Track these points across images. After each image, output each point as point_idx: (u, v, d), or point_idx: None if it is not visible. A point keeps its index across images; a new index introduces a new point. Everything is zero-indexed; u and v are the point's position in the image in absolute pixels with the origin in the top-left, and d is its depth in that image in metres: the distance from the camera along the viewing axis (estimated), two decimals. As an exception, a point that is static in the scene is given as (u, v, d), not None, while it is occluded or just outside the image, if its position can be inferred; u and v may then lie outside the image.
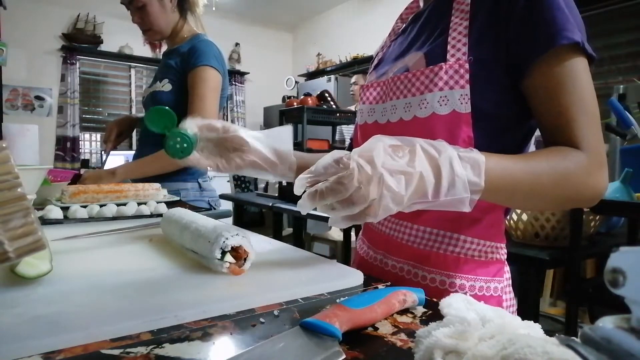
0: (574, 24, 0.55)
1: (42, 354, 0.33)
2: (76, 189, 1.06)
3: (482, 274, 0.63)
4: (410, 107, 0.63)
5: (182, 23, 1.47)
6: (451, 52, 0.59)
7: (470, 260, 0.62)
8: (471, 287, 0.62)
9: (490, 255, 0.63)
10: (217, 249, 0.50)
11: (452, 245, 0.62)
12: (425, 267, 0.64)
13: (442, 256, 0.62)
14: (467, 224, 0.62)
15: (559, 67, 0.55)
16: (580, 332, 0.22)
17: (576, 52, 0.55)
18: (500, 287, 0.64)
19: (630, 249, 0.21)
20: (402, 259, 0.66)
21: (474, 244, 0.62)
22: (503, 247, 0.65)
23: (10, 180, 0.40)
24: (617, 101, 1.59)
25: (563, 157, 0.52)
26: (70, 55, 4.70)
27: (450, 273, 0.62)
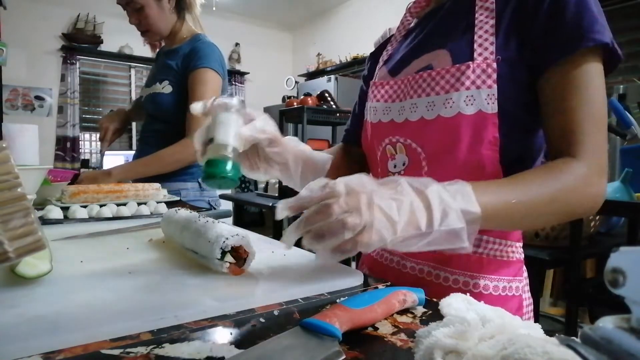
0: (602, 24, 0.53)
1: (42, 354, 0.33)
2: (76, 189, 1.06)
3: (505, 273, 0.62)
4: (433, 105, 0.61)
5: (180, 23, 1.47)
6: (478, 51, 0.58)
7: (492, 260, 0.61)
8: (495, 287, 0.61)
9: (511, 255, 0.63)
10: (217, 249, 0.50)
11: (474, 245, 0.59)
12: (447, 269, 0.62)
13: (465, 256, 0.61)
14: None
15: (576, 69, 0.53)
16: (580, 332, 0.22)
17: (595, 55, 0.53)
18: (521, 287, 0.64)
19: (630, 249, 0.21)
20: (422, 260, 0.65)
21: (496, 244, 0.61)
22: (521, 246, 0.65)
23: (10, 180, 0.40)
24: (617, 101, 1.59)
25: (560, 171, 0.51)
26: (70, 55, 4.70)
27: (474, 274, 0.61)
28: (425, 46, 0.66)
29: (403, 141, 0.65)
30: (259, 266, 0.57)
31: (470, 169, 0.58)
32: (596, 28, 0.52)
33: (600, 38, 0.52)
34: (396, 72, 0.69)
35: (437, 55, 0.63)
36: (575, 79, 0.53)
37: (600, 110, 0.53)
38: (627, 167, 1.24)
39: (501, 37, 0.57)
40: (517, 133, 0.58)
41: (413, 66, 0.66)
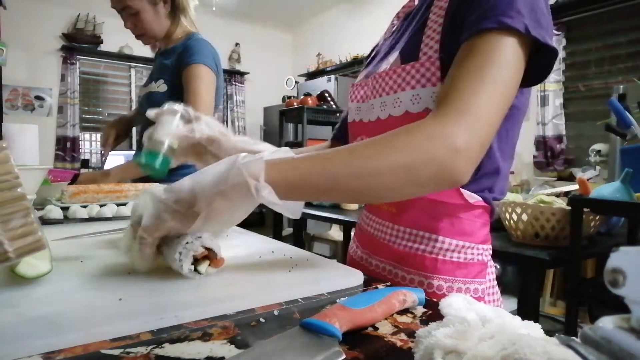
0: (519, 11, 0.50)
1: (42, 354, 0.33)
2: (76, 189, 1.06)
3: (461, 275, 0.61)
4: (385, 105, 0.63)
5: (175, 25, 1.47)
6: (424, 50, 0.58)
7: (448, 261, 0.61)
8: (449, 288, 0.61)
9: (470, 257, 0.62)
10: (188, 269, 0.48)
11: (430, 246, 0.61)
12: (404, 268, 0.63)
13: (420, 257, 0.62)
14: (446, 224, 0.61)
15: (477, 45, 0.50)
16: (580, 332, 0.22)
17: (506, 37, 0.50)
18: (481, 289, 0.62)
19: (630, 249, 0.21)
20: (384, 259, 0.67)
21: (452, 245, 0.61)
22: (486, 248, 0.64)
23: (10, 180, 0.40)
24: (617, 101, 1.59)
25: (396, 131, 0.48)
26: (70, 55, 4.70)
27: (428, 274, 0.61)
28: (392, 49, 0.68)
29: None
30: (259, 266, 0.57)
31: None
32: (507, 12, 0.50)
33: (508, 22, 0.49)
34: (369, 74, 0.70)
35: (392, 57, 0.64)
36: (472, 52, 0.50)
37: (489, 78, 0.48)
38: (627, 167, 1.24)
39: (446, 33, 0.57)
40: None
41: (376, 68, 0.68)
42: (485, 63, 0.49)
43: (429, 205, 0.61)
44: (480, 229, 0.63)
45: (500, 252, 1.30)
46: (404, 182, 0.47)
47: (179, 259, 0.48)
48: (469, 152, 0.47)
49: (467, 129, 0.47)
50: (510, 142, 0.63)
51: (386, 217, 0.67)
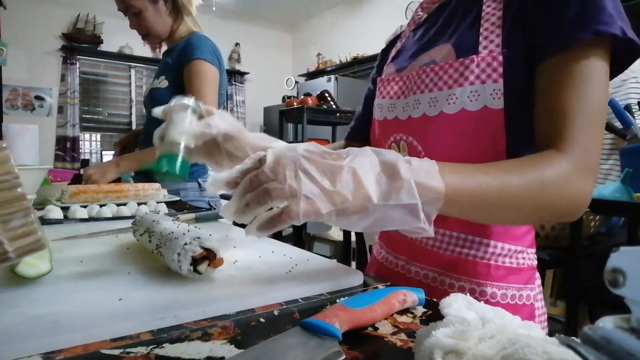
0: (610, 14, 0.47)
1: (42, 354, 0.33)
2: (76, 189, 1.06)
3: (514, 281, 0.59)
4: (436, 102, 0.58)
5: (178, 24, 1.48)
6: (483, 44, 0.54)
7: (501, 267, 0.58)
8: (503, 295, 0.58)
9: (522, 262, 0.59)
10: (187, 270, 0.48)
11: (481, 252, 0.58)
12: (453, 275, 0.60)
13: (472, 263, 0.59)
14: (498, 228, 0.58)
15: (576, 62, 0.48)
16: (580, 332, 0.22)
17: (599, 48, 0.48)
18: (532, 295, 0.60)
19: (630, 249, 0.21)
20: (427, 266, 0.62)
21: (505, 250, 0.58)
22: (534, 252, 0.62)
23: (10, 180, 0.40)
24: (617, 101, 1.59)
25: (540, 163, 0.46)
26: (70, 55, 4.70)
27: (481, 281, 0.58)
28: (432, 41, 0.64)
29: (406, 139, 0.64)
30: (259, 266, 0.57)
31: None
32: (600, 18, 0.47)
33: (604, 29, 0.47)
34: (402, 69, 0.67)
35: (442, 50, 0.60)
36: (572, 73, 0.48)
37: (596, 108, 0.48)
38: (627, 167, 1.24)
39: (508, 28, 0.53)
40: (524, 130, 0.54)
41: (418, 62, 0.64)
42: (592, 91, 0.48)
43: None
44: (528, 232, 0.61)
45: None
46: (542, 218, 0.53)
47: (178, 259, 0.48)
48: (591, 193, 0.49)
49: (591, 172, 0.48)
50: None
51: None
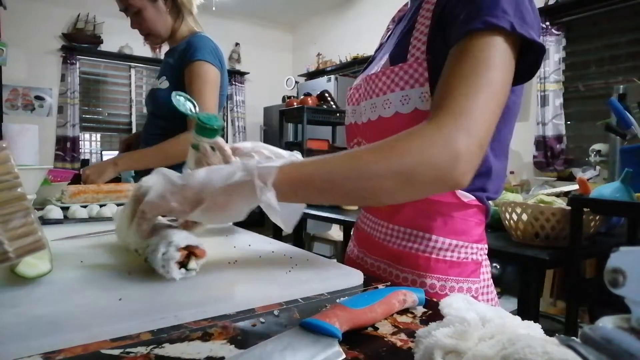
0: (505, 9, 0.51)
1: (42, 354, 0.33)
2: (76, 189, 1.06)
3: (454, 274, 0.62)
4: (375, 107, 0.64)
5: (179, 23, 1.48)
6: (412, 52, 0.60)
7: (441, 260, 0.62)
8: (442, 287, 0.61)
9: (464, 256, 0.62)
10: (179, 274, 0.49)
11: (423, 245, 0.62)
12: (398, 266, 0.64)
13: (414, 256, 0.63)
14: (440, 223, 0.62)
15: (470, 45, 0.51)
16: (580, 332, 0.22)
17: (493, 37, 0.51)
18: (474, 288, 0.63)
19: (630, 249, 0.21)
20: (379, 257, 0.68)
21: (446, 244, 0.62)
22: (481, 248, 0.64)
23: (10, 180, 0.40)
24: (617, 101, 1.59)
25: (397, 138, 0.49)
26: (70, 55, 4.70)
27: (421, 273, 0.62)
28: (385, 49, 0.70)
29: (362, 142, 0.69)
30: (259, 266, 0.57)
31: None
32: (493, 12, 0.50)
33: (494, 21, 0.50)
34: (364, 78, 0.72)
35: (383, 60, 0.66)
36: (463, 56, 0.51)
37: (484, 82, 0.49)
38: (627, 167, 1.24)
39: (432, 35, 0.58)
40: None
41: (368, 71, 0.70)
42: (477, 66, 0.49)
43: (423, 205, 0.62)
44: (474, 228, 0.63)
45: (500, 252, 1.30)
46: (403, 186, 0.48)
47: (167, 271, 0.48)
48: (469, 155, 0.47)
49: (466, 132, 0.47)
50: (503, 142, 0.64)
51: (382, 216, 0.68)
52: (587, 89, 3.20)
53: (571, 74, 3.28)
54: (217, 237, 0.78)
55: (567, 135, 3.28)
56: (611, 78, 3.05)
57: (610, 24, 3.06)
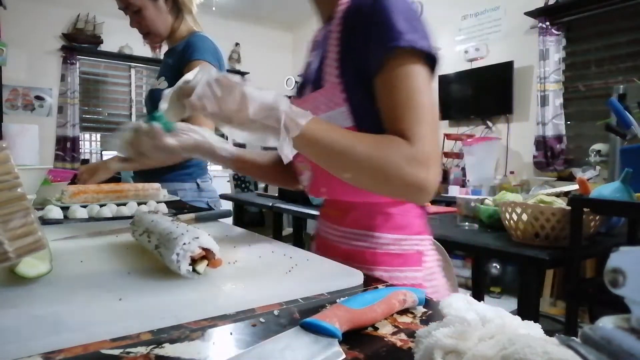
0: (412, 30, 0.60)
1: (42, 354, 0.33)
2: (76, 189, 1.06)
3: (398, 264, 0.69)
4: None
5: (179, 23, 1.48)
6: (326, 78, 0.68)
7: (386, 254, 0.69)
8: (389, 277, 0.67)
9: (406, 247, 0.70)
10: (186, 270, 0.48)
11: (368, 242, 0.70)
12: (351, 264, 0.67)
13: (362, 252, 0.70)
14: (381, 221, 0.70)
15: (393, 71, 0.60)
16: (580, 332, 0.22)
17: (405, 57, 0.60)
18: (420, 276, 0.70)
19: (630, 249, 0.21)
20: (335, 257, 0.72)
21: (388, 239, 0.70)
22: (422, 239, 0.72)
23: (10, 180, 0.40)
24: (617, 101, 1.59)
25: (390, 140, 0.58)
26: (70, 55, 4.70)
27: (370, 267, 0.68)
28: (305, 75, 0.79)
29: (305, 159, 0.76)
30: (259, 266, 0.57)
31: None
32: (390, 36, 0.59)
33: (395, 44, 0.59)
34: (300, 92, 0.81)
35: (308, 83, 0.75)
36: (396, 76, 0.60)
37: (422, 106, 0.59)
38: (627, 167, 1.24)
39: (342, 64, 0.66)
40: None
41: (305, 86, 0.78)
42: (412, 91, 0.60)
43: (366, 207, 0.71)
44: (413, 221, 0.71)
45: (500, 252, 1.30)
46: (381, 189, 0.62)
47: (177, 260, 0.48)
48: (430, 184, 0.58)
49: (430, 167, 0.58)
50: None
51: (333, 221, 0.76)
52: (587, 89, 3.20)
53: (571, 74, 3.28)
54: (218, 237, 0.78)
55: (567, 135, 3.28)
56: (611, 78, 3.05)
57: (610, 24, 3.06)
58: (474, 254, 2.42)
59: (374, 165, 0.57)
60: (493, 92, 3.67)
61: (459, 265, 3.55)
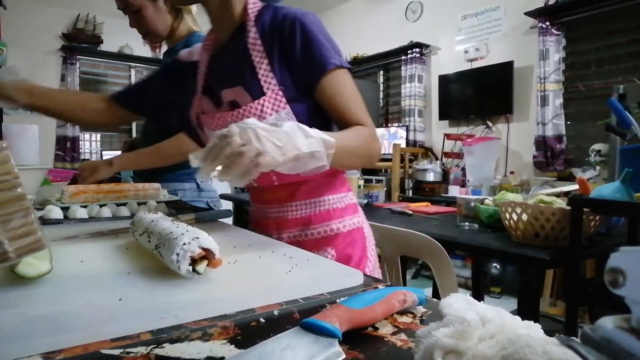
0: (334, 52, 0.80)
1: (42, 354, 0.33)
2: (76, 189, 1.06)
3: (345, 215, 0.90)
4: None
5: (178, 23, 1.48)
6: (266, 87, 0.79)
7: (333, 210, 0.89)
8: (342, 226, 0.89)
9: (346, 202, 0.91)
10: (186, 270, 0.48)
11: (322, 205, 0.89)
12: (310, 227, 0.89)
13: (318, 214, 0.88)
14: (326, 187, 0.89)
15: (332, 81, 0.79)
16: (580, 332, 0.22)
17: (339, 69, 0.79)
18: (359, 220, 0.93)
19: (630, 249, 0.21)
20: (293, 229, 0.89)
21: (334, 199, 0.90)
22: (349, 194, 0.93)
23: (10, 180, 0.40)
24: (617, 101, 1.59)
25: (360, 129, 0.78)
26: (70, 55, 4.70)
27: (326, 223, 0.88)
28: (226, 81, 0.85)
29: None
30: (259, 266, 0.57)
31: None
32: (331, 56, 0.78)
33: (334, 62, 0.78)
34: (219, 105, 0.88)
35: (238, 92, 0.82)
36: (334, 87, 0.79)
37: (359, 100, 0.81)
38: (627, 167, 1.24)
39: (277, 71, 0.79)
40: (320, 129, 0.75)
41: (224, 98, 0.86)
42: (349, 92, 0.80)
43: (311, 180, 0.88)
44: (342, 183, 0.92)
45: (500, 252, 1.30)
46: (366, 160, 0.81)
47: (177, 260, 0.48)
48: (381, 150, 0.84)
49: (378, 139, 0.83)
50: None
51: (285, 200, 0.89)
52: (587, 89, 3.21)
53: (571, 74, 3.28)
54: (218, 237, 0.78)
55: (567, 135, 3.28)
56: (611, 78, 3.05)
57: (610, 24, 3.06)
58: (474, 254, 2.42)
59: (365, 151, 0.78)
60: (493, 92, 3.67)
61: (459, 265, 3.55)
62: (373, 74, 5.17)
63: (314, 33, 0.79)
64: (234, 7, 0.84)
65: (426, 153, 4.19)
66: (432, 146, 4.32)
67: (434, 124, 4.37)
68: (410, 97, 4.36)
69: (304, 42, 0.78)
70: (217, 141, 0.55)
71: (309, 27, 0.79)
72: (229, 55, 0.86)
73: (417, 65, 4.31)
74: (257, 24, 0.82)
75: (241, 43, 0.82)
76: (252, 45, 0.80)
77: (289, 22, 0.79)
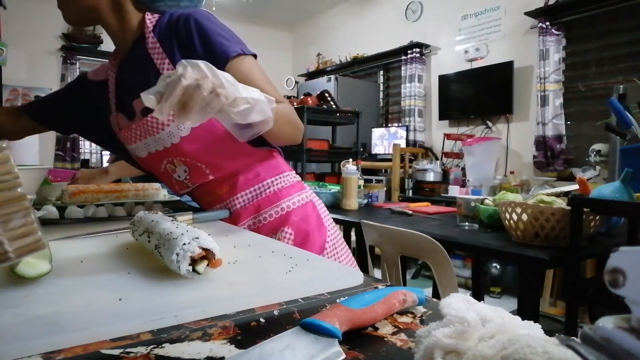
0: (234, 41, 0.83)
1: (42, 354, 0.33)
2: (76, 188, 1.06)
3: (292, 192, 0.94)
4: (173, 135, 0.85)
5: None
6: None
7: (279, 190, 0.94)
8: (292, 204, 0.93)
9: (290, 180, 0.96)
10: (186, 270, 0.48)
11: (266, 188, 0.93)
12: (261, 212, 0.92)
13: (267, 198, 0.93)
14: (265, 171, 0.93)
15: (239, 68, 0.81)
16: (580, 332, 0.22)
17: (243, 56, 0.82)
18: (307, 195, 0.97)
19: (630, 249, 0.21)
20: (247, 219, 0.92)
21: (278, 180, 0.94)
22: (291, 173, 0.98)
23: (10, 180, 0.40)
24: (617, 101, 1.59)
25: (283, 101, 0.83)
26: (70, 55, 4.70)
27: (278, 204, 0.92)
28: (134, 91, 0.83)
29: (177, 159, 0.90)
30: (259, 266, 0.57)
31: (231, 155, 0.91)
32: (230, 44, 0.81)
33: (236, 50, 0.81)
34: (130, 117, 0.91)
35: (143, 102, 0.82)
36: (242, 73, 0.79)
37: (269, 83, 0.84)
38: (627, 167, 1.24)
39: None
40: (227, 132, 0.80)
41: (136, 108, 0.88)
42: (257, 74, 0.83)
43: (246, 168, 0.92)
44: (280, 165, 0.97)
45: (500, 252, 1.30)
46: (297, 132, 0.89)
47: (177, 260, 0.48)
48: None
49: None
50: None
51: (228, 195, 0.93)
52: (587, 89, 3.21)
53: (571, 74, 3.29)
54: (217, 237, 0.78)
55: (567, 135, 3.29)
56: (611, 78, 3.06)
57: (610, 24, 3.06)
58: (474, 254, 2.42)
59: (295, 118, 0.85)
60: (493, 92, 3.67)
61: (459, 265, 3.55)
62: (373, 74, 5.17)
63: (209, 27, 0.80)
64: (130, 22, 0.89)
65: (426, 153, 4.19)
66: (432, 146, 4.32)
67: (434, 124, 4.37)
68: (410, 97, 4.36)
69: (201, 37, 0.80)
70: (169, 78, 0.52)
71: (203, 22, 0.81)
72: (133, 65, 0.89)
73: (417, 65, 4.31)
74: (155, 31, 0.85)
75: (142, 51, 0.85)
76: (151, 50, 0.83)
77: (183, 21, 0.81)
